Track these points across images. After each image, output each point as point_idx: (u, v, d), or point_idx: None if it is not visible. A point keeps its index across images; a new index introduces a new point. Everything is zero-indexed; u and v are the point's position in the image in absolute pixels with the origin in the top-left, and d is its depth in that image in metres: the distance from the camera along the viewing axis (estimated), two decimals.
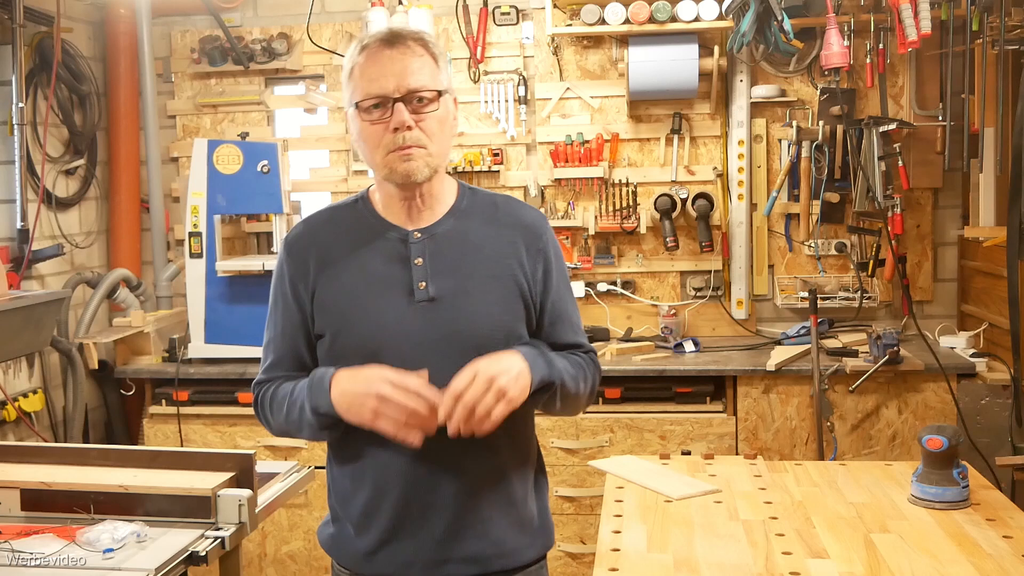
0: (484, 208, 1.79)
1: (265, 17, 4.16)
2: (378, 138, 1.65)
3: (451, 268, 1.71)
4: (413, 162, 1.65)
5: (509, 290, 1.72)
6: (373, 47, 1.66)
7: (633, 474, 2.36)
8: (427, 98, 1.66)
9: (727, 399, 3.46)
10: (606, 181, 3.91)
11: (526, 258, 1.75)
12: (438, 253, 1.71)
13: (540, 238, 1.79)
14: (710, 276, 3.95)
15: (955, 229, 3.81)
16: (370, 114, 1.65)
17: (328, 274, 1.73)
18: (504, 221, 1.77)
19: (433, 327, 1.67)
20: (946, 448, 2.08)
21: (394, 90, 1.63)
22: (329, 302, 1.72)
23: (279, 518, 3.61)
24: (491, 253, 1.73)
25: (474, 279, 1.71)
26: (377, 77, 1.64)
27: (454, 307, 1.68)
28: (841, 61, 3.46)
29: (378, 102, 1.64)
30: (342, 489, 1.79)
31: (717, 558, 1.85)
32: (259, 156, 3.60)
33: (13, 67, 3.42)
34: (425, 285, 1.69)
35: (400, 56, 1.65)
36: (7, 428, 3.38)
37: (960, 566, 1.78)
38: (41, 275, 3.69)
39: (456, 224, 1.75)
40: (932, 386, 3.33)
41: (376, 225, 1.75)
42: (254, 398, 1.82)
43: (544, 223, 1.82)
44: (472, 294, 1.70)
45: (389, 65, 1.64)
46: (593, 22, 3.70)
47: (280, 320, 1.78)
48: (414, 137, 1.64)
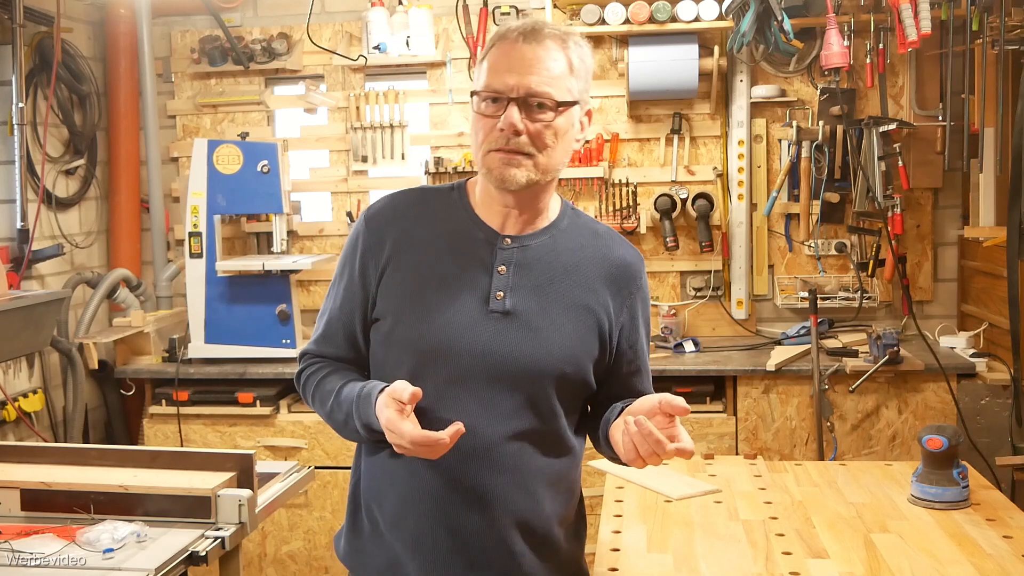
0: (583, 233, 1.66)
1: (265, 17, 4.16)
2: (485, 133, 1.53)
3: (534, 285, 1.58)
4: (511, 169, 1.52)
5: (588, 325, 1.60)
6: (511, 38, 1.53)
7: (633, 474, 2.36)
8: (547, 105, 1.51)
9: (727, 399, 3.46)
10: (606, 181, 3.91)
11: (615, 297, 1.63)
12: (524, 266, 1.59)
13: (633, 281, 1.66)
14: (710, 276, 3.95)
15: (955, 229, 3.81)
16: (486, 106, 1.53)
17: (403, 257, 1.60)
18: (601, 252, 1.64)
19: (500, 343, 1.54)
20: (946, 448, 2.08)
21: (513, 88, 1.50)
22: (397, 288, 1.60)
23: (279, 518, 3.62)
24: (580, 280, 1.61)
25: (556, 303, 1.58)
26: (502, 71, 1.52)
27: (528, 327, 1.55)
28: (841, 61, 3.46)
29: (495, 97, 1.52)
30: (372, 489, 1.65)
31: (717, 558, 1.85)
32: (259, 156, 3.60)
33: (13, 67, 3.42)
34: (503, 296, 1.56)
35: (532, 53, 1.51)
36: (7, 428, 3.38)
37: (960, 566, 1.78)
38: (41, 275, 3.69)
39: (550, 242, 1.62)
40: (932, 386, 3.33)
41: (467, 220, 1.63)
42: (299, 368, 1.72)
43: (641, 265, 1.69)
44: (549, 316, 1.57)
45: (518, 61, 1.51)
46: (593, 22, 3.71)
47: (341, 294, 1.66)
48: (520, 143, 1.51)
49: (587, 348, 1.60)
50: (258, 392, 3.58)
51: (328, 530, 3.59)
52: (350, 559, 1.70)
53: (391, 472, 1.61)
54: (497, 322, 1.55)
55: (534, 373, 1.55)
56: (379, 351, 1.63)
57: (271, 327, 3.62)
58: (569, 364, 1.57)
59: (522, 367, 1.54)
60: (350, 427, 1.59)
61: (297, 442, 3.56)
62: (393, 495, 1.61)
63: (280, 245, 3.70)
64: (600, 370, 1.64)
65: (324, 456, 3.56)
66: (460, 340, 1.55)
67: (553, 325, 1.57)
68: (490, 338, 1.55)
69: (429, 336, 1.56)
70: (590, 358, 1.61)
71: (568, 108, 1.54)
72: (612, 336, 1.63)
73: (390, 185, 4.03)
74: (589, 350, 1.60)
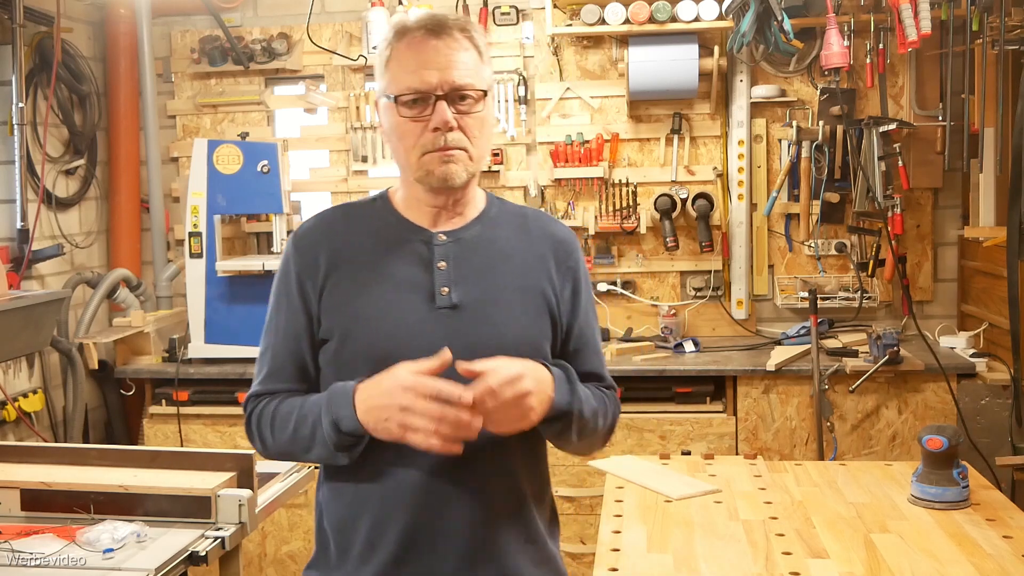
0: (513, 218, 1.67)
1: (265, 17, 4.16)
2: (415, 136, 1.52)
3: (477, 275, 1.58)
4: (453, 165, 1.52)
5: (537, 304, 1.60)
6: (415, 35, 1.51)
7: (633, 474, 2.36)
8: (472, 97, 1.52)
9: (727, 399, 3.46)
10: (606, 181, 3.91)
11: (555, 274, 1.63)
12: (464, 258, 1.58)
13: (571, 256, 1.66)
14: (710, 276, 3.95)
15: (955, 229, 3.81)
16: (409, 109, 1.51)
17: (340, 273, 1.58)
18: (534, 233, 1.65)
19: (454, 336, 1.52)
20: (946, 448, 2.08)
21: (437, 86, 1.49)
22: (339, 303, 1.56)
23: (279, 518, 3.61)
24: (520, 264, 1.61)
25: (501, 289, 1.58)
26: (419, 69, 1.49)
27: (478, 316, 1.55)
28: (841, 61, 3.46)
29: (418, 97, 1.50)
30: (339, 518, 1.60)
31: (717, 558, 1.85)
32: (259, 156, 3.60)
33: (13, 67, 3.42)
34: (448, 291, 1.55)
35: (446, 48, 1.50)
36: (7, 428, 3.38)
37: (960, 566, 1.78)
38: (41, 275, 3.69)
39: (484, 231, 1.62)
40: (932, 386, 3.33)
41: (397, 225, 1.61)
42: (247, 414, 1.63)
43: (575, 241, 1.70)
44: (498, 304, 1.57)
45: (433, 57, 1.50)
46: (593, 22, 3.70)
47: (283, 323, 1.61)
48: (456, 138, 1.51)
49: (540, 328, 1.60)
50: None
51: None
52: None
53: (363, 496, 1.56)
54: (447, 317, 1.55)
55: None
56: (330, 372, 1.58)
57: None
58: (525, 346, 1.55)
59: (480, 356, 1.48)
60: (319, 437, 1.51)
61: None
62: (366, 523, 1.57)
63: (280, 245, 3.70)
64: (555, 347, 1.63)
65: None
66: (413, 341, 1.52)
67: (502, 311, 1.57)
68: (443, 334, 1.52)
69: (381, 344, 1.53)
70: (545, 338, 1.61)
71: (487, 95, 1.56)
72: (561, 312, 1.64)
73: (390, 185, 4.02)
74: (543, 329, 1.61)
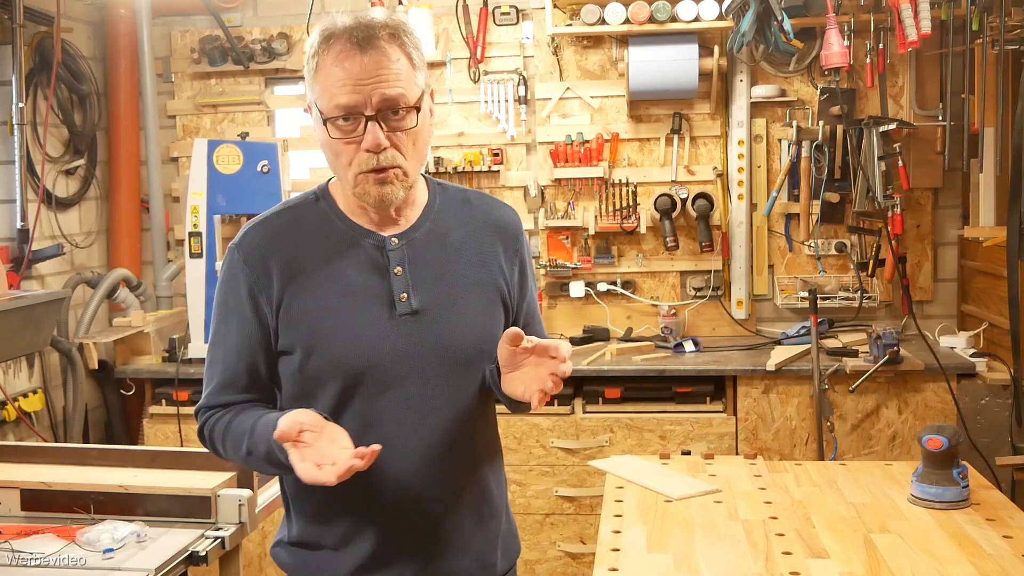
0: (457, 205, 1.67)
1: (265, 17, 4.16)
2: (348, 155, 1.48)
3: (433, 276, 1.58)
4: (387, 187, 1.49)
5: (491, 298, 1.63)
6: (341, 47, 1.45)
7: (633, 474, 2.36)
8: (403, 110, 1.47)
9: (727, 399, 3.46)
10: (606, 181, 3.91)
11: (504, 261, 1.66)
12: (418, 260, 1.58)
13: (517, 239, 1.70)
14: (710, 276, 3.95)
15: (955, 229, 3.81)
16: (338, 130, 1.47)
17: (297, 285, 1.54)
18: (480, 220, 1.66)
19: (418, 342, 1.55)
20: (946, 448, 2.08)
21: (365, 104, 1.45)
22: (300, 317, 1.54)
23: (279, 518, 3.60)
24: (471, 257, 1.63)
25: (457, 288, 1.59)
26: (347, 86, 1.44)
27: (439, 320, 1.56)
28: (841, 61, 3.46)
29: (348, 115, 1.46)
30: (314, 513, 1.62)
31: (717, 558, 1.85)
32: (259, 156, 3.60)
33: (13, 67, 3.42)
34: (407, 297, 1.55)
35: (373, 63, 1.44)
36: (7, 428, 3.38)
37: (960, 566, 1.78)
38: (41, 275, 3.69)
39: (433, 226, 1.62)
40: (932, 386, 3.33)
41: (346, 230, 1.58)
42: (200, 425, 1.62)
43: (519, 223, 1.72)
44: (456, 304, 1.58)
45: (360, 73, 1.44)
46: (593, 22, 3.70)
47: (234, 336, 1.57)
48: (389, 157, 1.48)
49: (495, 319, 1.64)
50: None
51: None
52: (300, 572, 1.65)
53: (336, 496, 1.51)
54: (409, 324, 1.55)
55: (456, 361, 1.57)
56: (291, 385, 1.58)
57: None
58: (485, 341, 1.59)
59: (444, 360, 1.56)
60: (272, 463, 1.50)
61: None
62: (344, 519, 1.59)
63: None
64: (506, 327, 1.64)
65: None
66: (379, 352, 1.53)
67: (461, 311, 1.59)
68: (407, 342, 1.55)
69: (347, 356, 1.53)
70: (499, 327, 1.62)
71: (420, 101, 1.51)
72: (512, 296, 1.68)
73: None
74: (498, 321, 1.64)
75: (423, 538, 1.59)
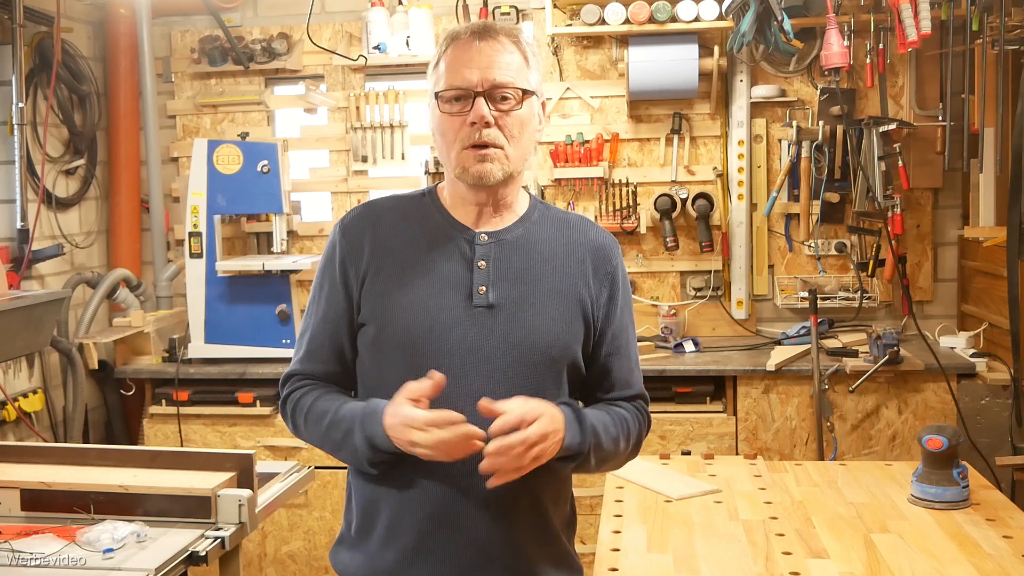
0: (555, 222, 1.70)
1: (265, 17, 4.16)
2: (454, 132, 1.58)
3: (515, 276, 1.62)
4: (486, 164, 1.57)
5: (572, 308, 1.63)
6: (463, 38, 1.59)
7: (633, 474, 2.36)
8: (511, 96, 1.57)
9: (727, 399, 3.46)
10: (606, 181, 3.91)
11: (593, 279, 1.67)
12: (503, 259, 1.63)
13: (609, 261, 1.70)
14: (710, 276, 3.95)
15: (955, 229, 3.81)
16: (450, 105, 1.58)
17: (383, 262, 1.63)
18: (575, 238, 1.69)
19: (488, 335, 1.58)
20: (946, 448, 2.08)
21: (478, 83, 1.56)
22: (380, 291, 1.62)
23: (279, 518, 3.61)
24: (558, 267, 1.65)
25: (537, 291, 1.62)
26: (462, 68, 1.57)
27: (513, 317, 1.59)
28: (841, 61, 3.46)
29: (460, 94, 1.57)
30: (365, 501, 1.67)
31: (717, 558, 1.85)
32: (259, 156, 3.60)
33: (13, 67, 3.42)
34: (485, 290, 1.59)
35: (489, 49, 1.58)
36: (7, 428, 3.38)
37: (960, 566, 1.78)
38: (41, 275, 3.69)
39: (525, 233, 1.66)
40: (932, 386, 3.33)
41: (442, 221, 1.66)
42: (283, 394, 1.71)
43: (616, 248, 1.73)
44: (534, 306, 1.61)
45: (476, 57, 1.57)
46: (593, 22, 3.71)
47: (324, 305, 1.67)
48: (491, 135, 1.56)
49: (573, 331, 1.63)
50: (258, 392, 3.58)
51: (328, 530, 3.59)
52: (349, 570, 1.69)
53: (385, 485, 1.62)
54: (482, 316, 1.59)
55: (523, 361, 1.59)
56: (367, 357, 1.65)
57: (271, 327, 3.62)
58: (556, 349, 1.61)
59: (511, 358, 1.58)
60: (348, 445, 1.59)
61: (297, 442, 3.55)
62: (389, 507, 1.63)
63: (280, 245, 3.70)
64: (587, 350, 1.67)
65: (324, 456, 3.55)
66: (447, 337, 1.58)
67: (537, 313, 1.61)
68: (477, 333, 1.58)
69: (416, 336, 1.58)
70: (577, 341, 1.64)
71: (530, 97, 1.60)
72: (596, 317, 1.67)
73: (390, 185, 4.03)
74: (575, 333, 1.64)
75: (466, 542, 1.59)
